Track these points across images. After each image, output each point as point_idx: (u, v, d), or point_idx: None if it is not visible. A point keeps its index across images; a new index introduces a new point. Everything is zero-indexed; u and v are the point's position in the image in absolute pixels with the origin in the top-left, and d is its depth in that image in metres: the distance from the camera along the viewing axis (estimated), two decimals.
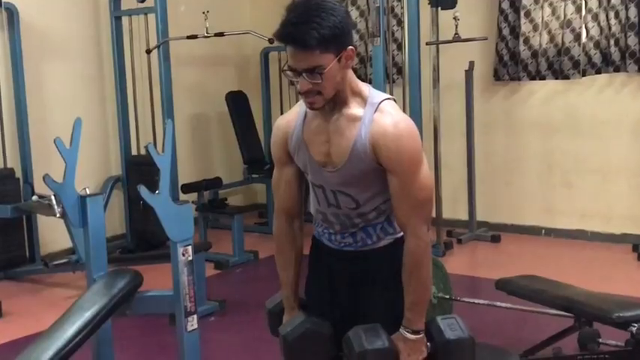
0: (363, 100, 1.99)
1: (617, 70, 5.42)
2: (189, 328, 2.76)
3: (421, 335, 2.01)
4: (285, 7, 1.93)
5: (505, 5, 5.78)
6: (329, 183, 2.05)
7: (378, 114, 1.96)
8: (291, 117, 2.10)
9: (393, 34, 6.01)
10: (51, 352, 2.48)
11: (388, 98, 2.01)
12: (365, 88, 2.02)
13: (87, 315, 2.64)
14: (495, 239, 5.80)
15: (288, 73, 1.94)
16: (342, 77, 1.94)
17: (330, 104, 1.98)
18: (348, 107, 1.99)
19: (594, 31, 5.45)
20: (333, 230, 2.12)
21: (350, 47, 1.93)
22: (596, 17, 5.43)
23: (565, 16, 5.51)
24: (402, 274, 2.01)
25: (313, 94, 1.93)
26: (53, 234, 5.34)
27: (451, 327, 2.03)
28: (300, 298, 2.24)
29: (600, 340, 3.41)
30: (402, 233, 2.07)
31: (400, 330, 2.01)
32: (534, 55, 5.69)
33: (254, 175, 6.53)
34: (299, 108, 2.09)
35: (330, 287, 2.14)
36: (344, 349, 2.02)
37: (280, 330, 2.17)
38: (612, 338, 3.38)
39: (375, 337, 1.97)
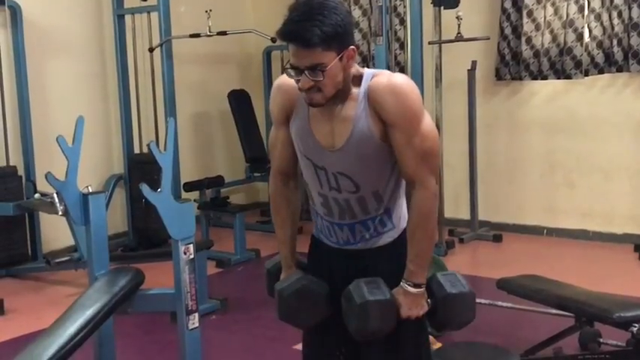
0: (360, 79, 2.01)
1: (619, 70, 5.42)
2: (191, 327, 2.77)
3: (422, 289, 2.02)
4: (287, 7, 1.94)
5: (507, 5, 5.77)
6: (331, 165, 2.05)
7: (374, 79, 1.98)
8: (295, 85, 2.03)
9: (395, 33, 6.01)
10: (53, 349, 2.49)
11: (383, 70, 2.04)
12: (362, 70, 2.03)
13: (89, 313, 2.65)
14: (497, 239, 5.80)
15: (290, 71, 1.95)
16: (343, 77, 1.95)
17: (333, 99, 1.99)
18: (348, 93, 2.00)
19: (597, 31, 5.45)
20: (332, 219, 2.11)
21: (351, 47, 1.94)
22: (598, 17, 5.42)
23: (567, 15, 5.51)
24: (407, 226, 2.03)
25: (314, 90, 1.94)
26: (55, 232, 5.34)
27: (451, 282, 2.06)
28: (298, 260, 2.24)
29: (601, 340, 3.41)
30: (401, 231, 2.08)
31: (401, 283, 2.01)
32: (536, 54, 5.69)
33: (256, 174, 6.54)
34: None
35: (330, 286, 2.15)
36: (342, 304, 2.02)
37: (276, 285, 2.17)
38: (613, 338, 3.38)
39: (376, 289, 1.97)
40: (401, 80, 1.97)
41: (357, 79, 2.01)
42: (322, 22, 1.86)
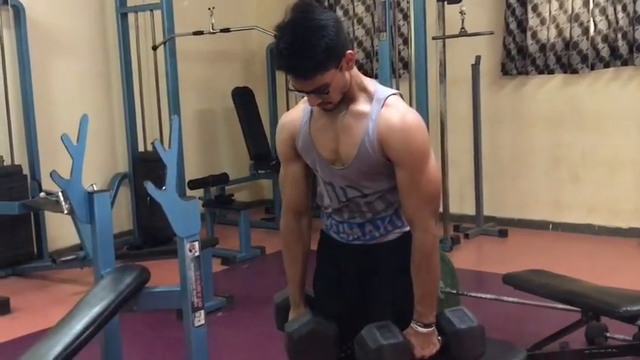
0: (370, 96, 2.00)
1: (624, 63, 5.40)
2: (197, 324, 2.77)
3: (432, 328, 2.03)
4: (288, 5, 1.92)
5: None
6: (338, 180, 2.06)
7: (385, 109, 1.96)
8: (296, 115, 2.10)
9: (399, 28, 6.00)
10: (59, 348, 2.49)
11: (394, 93, 2.02)
12: (370, 84, 2.03)
13: (94, 311, 2.65)
14: (502, 234, 5.79)
15: (296, 92, 1.96)
16: (347, 79, 1.96)
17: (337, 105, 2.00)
18: (354, 104, 2.00)
19: (602, 25, 5.43)
20: (341, 218, 2.12)
21: (348, 52, 1.92)
22: (604, 11, 5.40)
23: (573, 9, 5.49)
24: (411, 268, 2.02)
25: (323, 104, 1.96)
26: (61, 230, 5.35)
27: (460, 318, 2.07)
28: (306, 294, 2.25)
29: (608, 335, 3.40)
30: (408, 228, 2.08)
31: (412, 325, 2.02)
32: (542, 49, 5.67)
33: (260, 171, 6.53)
34: (303, 105, 2.10)
35: (337, 281, 2.15)
36: (356, 350, 2.03)
37: (286, 327, 2.18)
38: (620, 332, 3.37)
39: (389, 332, 1.98)
40: (413, 121, 1.95)
41: (364, 91, 2.00)
42: (313, 50, 1.84)
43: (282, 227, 2.24)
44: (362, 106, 1.99)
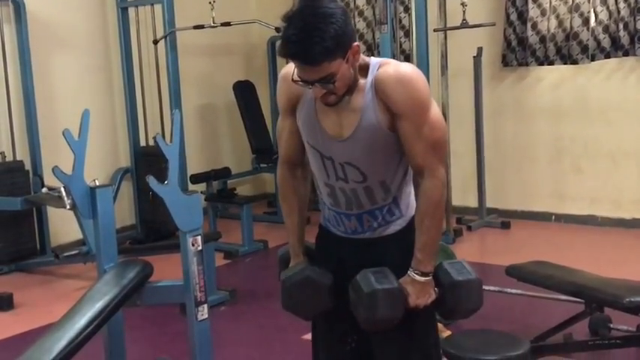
0: (367, 70, 2.00)
1: (626, 54, 5.38)
2: (200, 318, 2.76)
3: (429, 278, 2.03)
4: (282, 17, 1.92)
5: None
6: (338, 155, 2.05)
7: (380, 69, 1.98)
8: None
9: (400, 21, 5.98)
10: (63, 343, 2.49)
11: (388, 59, 2.03)
12: (368, 60, 2.02)
13: (98, 306, 2.65)
14: (505, 226, 5.78)
15: (300, 83, 1.95)
16: (352, 72, 1.95)
17: None
18: (357, 87, 2.00)
19: (603, 15, 5.41)
20: (339, 209, 2.11)
21: (355, 44, 1.92)
22: (604, 1, 5.39)
23: (573, 0, 5.47)
24: (415, 215, 2.03)
25: (328, 95, 1.95)
26: (63, 226, 5.36)
27: (458, 270, 2.06)
28: (306, 246, 2.25)
29: (611, 326, 3.41)
30: (409, 219, 2.08)
31: (409, 272, 2.02)
32: (542, 40, 5.65)
33: (262, 165, 6.53)
34: None
35: (339, 275, 2.14)
36: (350, 294, 2.02)
37: (281, 275, 2.19)
38: (623, 323, 3.37)
39: (384, 278, 1.98)
40: (408, 70, 1.97)
41: (364, 69, 2.00)
42: (321, 36, 1.84)
43: (278, 179, 2.24)
44: (361, 83, 1.99)
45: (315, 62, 1.86)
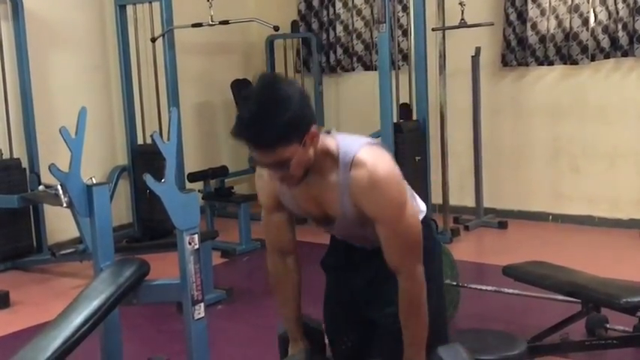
0: (335, 160, 1.96)
1: (625, 54, 5.38)
2: (197, 316, 2.76)
3: None
4: (241, 94, 1.91)
5: None
6: (335, 231, 2.11)
7: (353, 171, 1.93)
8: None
9: (398, 20, 5.98)
10: (59, 341, 2.48)
11: (359, 148, 1.97)
12: (333, 145, 1.98)
13: (94, 304, 2.64)
14: (502, 225, 5.78)
15: (257, 163, 1.95)
16: (310, 155, 1.92)
17: (308, 177, 1.98)
18: (322, 173, 1.98)
19: (602, 16, 5.41)
20: (348, 242, 2.20)
21: (313, 129, 1.89)
22: (604, 1, 5.39)
23: (573, 0, 5.47)
24: (400, 312, 2.02)
25: (286, 177, 1.93)
26: (60, 223, 5.35)
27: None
28: (305, 323, 2.27)
29: (608, 326, 3.41)
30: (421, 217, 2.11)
31: None
32: (542, 40, 5.65)
33: None
34: None
35: (345, 269, 2.16)
36: None
37: None
38: (620, 324, 3.37)
39: None
40: (383, 174, 1.92)
41: (330, 155, 1.96)
42: (274, 122, 1.81)
43: (270, 268, 2.24)
44: (330, 175, 1.97)
45: (268, 148, 1.84)
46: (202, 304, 2.78)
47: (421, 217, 2.14)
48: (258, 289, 4.56)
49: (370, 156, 1.95)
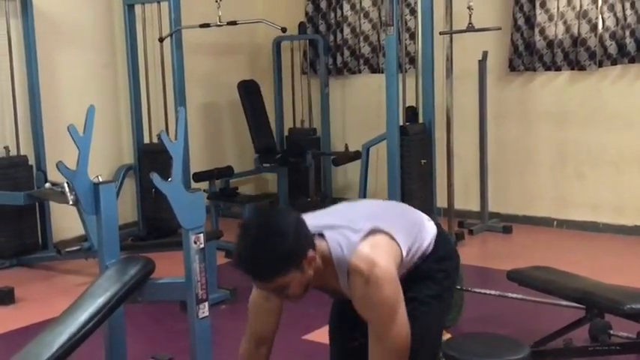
0: (331, 265, 2.03)
1: (632, 61, 5.38)
2: (201, 315, 2.77)
3: None
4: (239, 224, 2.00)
5: None
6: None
7: (351, 278, 2.01)
8: None
9: (405, 23, 5.98)
10: (63, 338, 2.50)
11: (351, 254, 2.01)
12: (327, 252, 2.02)
13: (99, 302, 2.66)
14: (507, 230, 5.78)
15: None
16: (310, 274, 1.98)
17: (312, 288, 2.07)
18: (324, 279, 2.05)
19: (610, 22, 5.41)
20: None
21: (310, 253, 1.94)
22: (612, 8, 5.38)
23: (581, 6, 5.47)
24: None
25: (286, 298, 2.02)
26: (66, 221, 5.37)
27: None
28: None
29: (612, 332, 3.40)
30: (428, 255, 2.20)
31: None
32: (550, 45, 5.65)
33: (265, 165, 6.53)
34: None
35: None
36: None
37: None
38: (624, 330, 3.36)
39: None
40: (372, 286, 1.98)
41: (326, 262, 2.02)
42: (271, 257, 1.89)
43: (241, 352, 2.28)
44: (333, 281, 2.04)
45: (266, 280, 1.92)
46: (206, 303, 2.79)
47: (429, 239, 2.22)
48: None
49: (362, 261, 2.00)
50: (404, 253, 2.14)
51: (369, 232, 2.05)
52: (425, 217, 2.35)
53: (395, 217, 2.24)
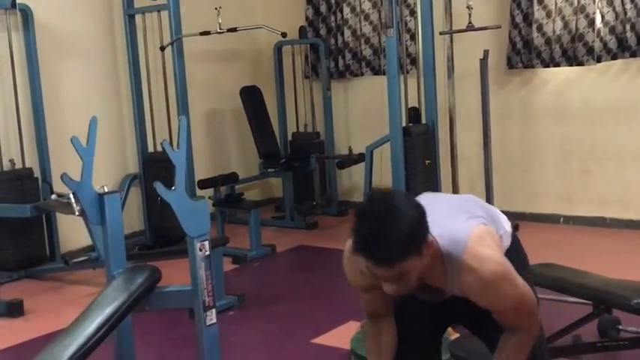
0: (441, 260, 1.98)
1: (633, 55, 5.37)
2: (208, 322, 2.78)
3: None
4: (356, 211, 1.91)
5: None
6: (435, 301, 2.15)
7: (464, 276, 1.96)
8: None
9: (406, 24, 5.98)
10: (72, 349, 2.51)
11: (464, 247, 1.97)
12: (437, 244, 1.96)
13: (107, 311, 2.67)
14: (513, 228, 5.73)
15: (371, 276, 1.92)
16: (426, 262, 1.92)
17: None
18: (432, 274, 2.00)
19: (609, 16, 5.40)
20: None
21: (429, 239, 1.90)
22: (611, 2, 5.38)
23: (579, 1, 5.46)
24: (499, 354, 2.07)
25: (399, 290, 1.93)
26: (73, 232, 5.38)
27: None
28: None
29: (620, 327, 3.39)
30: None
31: None
32: (548, 42, 5.64)
33: (270, 170, 6.54)
34: None
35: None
36: None
37: None
38: (632, 325, 3.36)
39: None
40: (493, 277, 1.94)
41: (435, 256, 1.96)
42: (395, 239, 1.82)
43: (364, 328, 2.30)
44: (439, 275, 2.00)
45: (389, 264, 1.84)
46: (214, 310, 2.80)
47: (508, 240, 2.24)
48: (269, 295, 4.58)
49: (477, 256, 1.95)
50: (503, 242, 2.17)
51: (471, 225, 2.03)
52: (499, 212, 2.38)
53: (480, 209, 2.22)
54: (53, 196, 4.52)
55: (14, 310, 4.42)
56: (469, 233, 1.98)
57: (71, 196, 3.06)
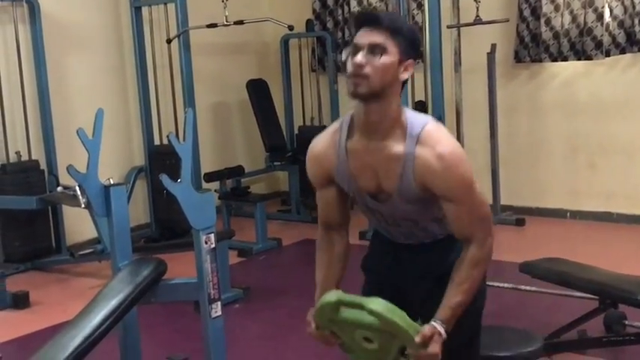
0: (403, 130, 1.96)
1: None
2: (214, 315, 2.78)
3: (445, 337, 1.95)
4: None
5: None
6: (384, 213, 2.07)
7: (420, 148, 1.93)
8: (328, 145, 2.05)
9: (413, 17, 5.97)
10: (78, 340, 2.52)
11: (426, 123, 1.97)
12: (403, 115, 1.97)
13: (113, 303, 2.67)
14: (520, 223, 5.76)
15: (348, 49, 1.94)
16: (393, 80, 1.92)
17: (372, 132, 1.95)
18: (389, 141, 1.96)
19: (618, 10, 5.37)
20: (395, 240, 2.16)
21: (413, 63, 1.95)
22: None
23: None
24: (455, 275, 2.00)
25: (362, 77, 1.90)
26: (79, 224, 5.40)
27: None
28: None
29: (626, 322, 3.39)
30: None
31: (436, 323, 1.93)
32: (556, 36, 5.62)
33: (276, 163, 6.54)
34: (337, 136, 2.05)
35: (398, 273, 2.16)
36: None
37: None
38: (638, 320, 3.35)
39: None
40: (448, 157, 1.92)
41: (400, 126, 1.96)
42: (398, 19, 1.99)
43: (317, 238, 2.25)
44: (396, 145, 1.95)
45: (380, 25, 1.90)
46: (219, 303, 2.80)
47: None
48: (274, 288, 4.58)
49: (438, 132, 1.96)
50: None
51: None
52: None
53: None
54: (59, 188, 4.53)
55: (20, 301, 4.44)
56: (430, 119, 2.00)
57: (77, 188, 3.07)
